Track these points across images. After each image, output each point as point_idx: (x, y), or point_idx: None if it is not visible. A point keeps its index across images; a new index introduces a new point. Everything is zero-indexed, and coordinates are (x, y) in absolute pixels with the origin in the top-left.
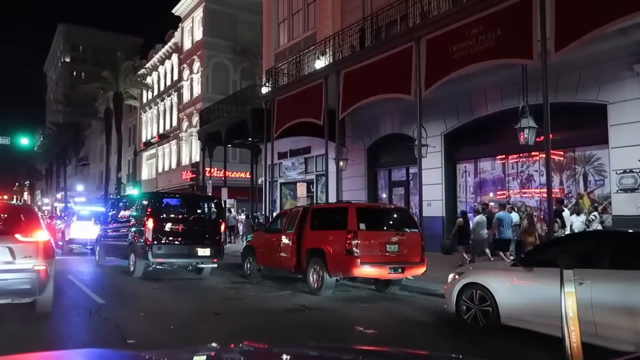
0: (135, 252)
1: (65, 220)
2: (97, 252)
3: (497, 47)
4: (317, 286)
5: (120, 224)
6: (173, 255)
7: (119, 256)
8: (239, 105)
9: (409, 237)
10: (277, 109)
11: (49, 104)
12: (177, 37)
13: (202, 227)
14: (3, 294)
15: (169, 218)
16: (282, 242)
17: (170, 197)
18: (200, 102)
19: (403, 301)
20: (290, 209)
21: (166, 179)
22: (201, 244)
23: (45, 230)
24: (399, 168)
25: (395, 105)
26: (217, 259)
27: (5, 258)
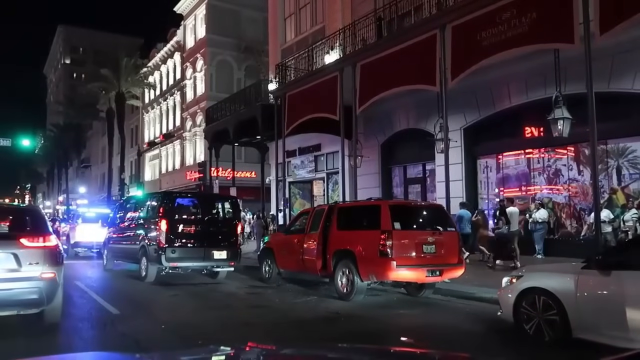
0: (147, 256)
1: (70, 223)
2: (105, 256)
3: (533, 31)
4: (347, 291)
5: (130, 226)
6: (188, 258)
7: (128, 260)
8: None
9: (446, 236)
10: (289, 105)
11: (50, 107)
12: (179, 36)
13: (217, 229)
14: (8, 305)
15: (183, 219)
16: (306, 244)
17: (183, 197)
18: (204, 100)
19: (441, 306)
20: (312, 208)
21: (170, 180)
22: (217, 246)
23: (52, 233)
24: (414, 164)
25: (411, 99)
26: (234, 262)
27: (10, 265)
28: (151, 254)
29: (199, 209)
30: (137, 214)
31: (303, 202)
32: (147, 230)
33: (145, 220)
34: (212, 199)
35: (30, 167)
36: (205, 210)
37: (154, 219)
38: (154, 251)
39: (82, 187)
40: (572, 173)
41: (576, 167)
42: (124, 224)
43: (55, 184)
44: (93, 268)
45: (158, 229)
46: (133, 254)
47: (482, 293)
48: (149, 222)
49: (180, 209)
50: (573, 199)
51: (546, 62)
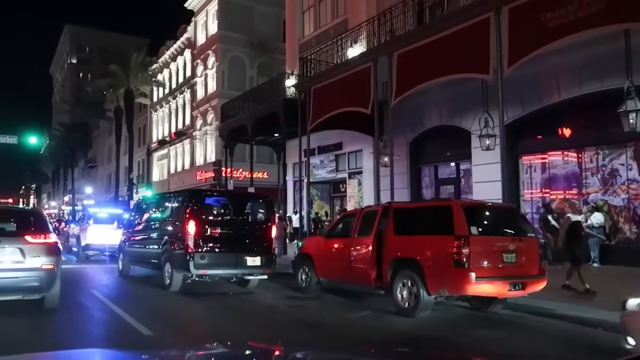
0: (171, 262)
1: (80, 224)
2: (121, 260)
3: (613, 10)
4: (409, 306)
5: (151, 228)
6: (218, 265)
7: (147, 266)
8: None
9: (526, 243)
10: (314, 99)
11: (56, 106)
12: (189, 32)
13: (251, 232)
14: (14, 291)
15: (213, 221)
16: (355, 250)
17: (213, 196)
18: (215, 98)
19: (521, 326)
20: (360, 209)
21: (179, 180)
22: (250, 251)
23: (52, 232)
24: (447, 164)
25: (445, 94)
26: (269, 269)
27: (17, 258)
28: (177, 260)
29: (230, 209)
30: (158, 215)
31: (322, 204)
32: (170, 233)
33: (169, 222)
34: (244, 199)
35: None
36: (236, 211)
37: (179, 221)
38: (180, 257)
39: (88, 187)
40: (632, 173)
41: (636, 166)
42: (142, 225)
43: (60, 185)
44: (107, 273)
45: (184, 231)
46: (154, 260)
47: (564, 310)
48: (173, 223)
49: (209, 209)
50: (632, 202)
51: (603, 52)
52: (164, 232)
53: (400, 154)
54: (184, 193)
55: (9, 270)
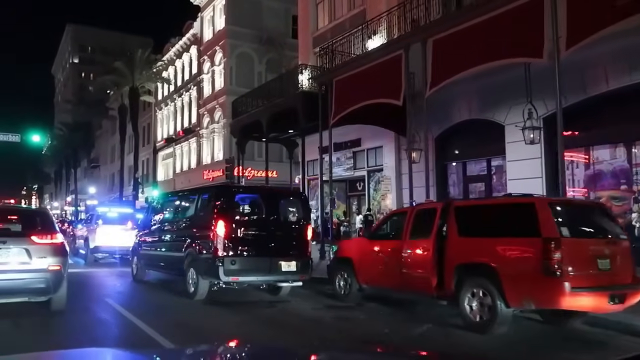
0: (196, 267)
1: (88, 225)
2: (135, 265)
3: None
4: (482, 319)
5: (170, 229)
6: (251, 271)
7: (167, 271)
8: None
9: (619, 247)
10: (337, 92)
11: (58, 107)
12: (196, 28)
13: (285, 233)
14: (20, 293)
15: (245, 221)
16: (407, 254)
17: (244, 192)
18: (223, 95)
19: (616, 347)
20: (411, 208)
21: (185, 180)
22: (285, 255)
23: (59, 232)
24: (477, 160)
25: (475, 86)
26: (305, 275)
27: (23, 259)
28: (204, 266)
29: (262, 207)
30: (180, 215)
31: (338, 203)
32: (195, 235)
33: (192, 222)
34: (277, 195)
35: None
36: (269, 209)
37: (205, 221)
38: (207, 262)
39: (91, 187)
40: None
41: None
42: (160, 226)
43: (63, 185)
44: (120, 278)
45: (212, 233)
46: (175, 264)
47: None
48: (198, 224)
49: (240, 207)
50: None
51: None
52: (186, 233)
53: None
54: (211, 189)
55: (15, 272)
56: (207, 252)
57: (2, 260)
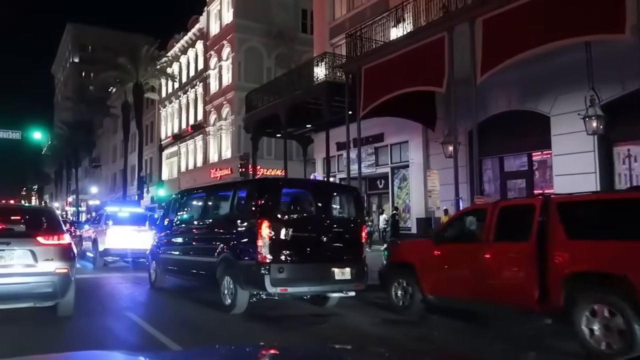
0: (234, 275)
1: (96, 226)
2: (154, 270)
3: None
4: (610, 348)
5: (198, 230)
6: (302, 280)
7: (193, 278)
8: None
9: None
10: (366, 80)
11: (57, 106)
12: (202, 23)
13: (338, 235)
14: (25, 298)
15: (293, 220)
16: (494, 260)
17: (292, 186)
18: (231, 91)
19: None
20: (492, 204)
21: (190, 179)
22: (339, 261)
23: (65, 232)
24: (516, 155)
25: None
26: (360, 284)
27: (27, 261)
28: (244, 274)
29: (312, 204)
30: (210, 213)
31: None
32: (231, 237)
33: (228, 222)
34: (329, 190)
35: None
36: (320, 207)
37: (245, 220)
38: (249, 269)
39: (93, 187)
40: None
41: None
42: (185, 227)
43: (64, 185)
44: (137, 286)
45: (256, 235)
46: (204, 271)
47: None
48: (235, 224)
49: (287, 204)
50: None
51: None
52: (220, 235)
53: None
54: (253, 183)
55: (19, 275)
56: (249, 257)
57: (5, 263)
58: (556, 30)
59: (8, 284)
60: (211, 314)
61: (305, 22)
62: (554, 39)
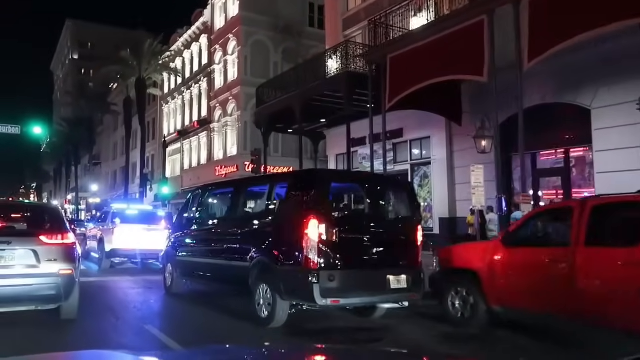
0: (272, 282)
1: (102, 224)
2: (170, 274)
3: None
4: None
5: (227, 229)
6: (356, 290)
7: (219, 284)
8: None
9: None
10: (392, 70)
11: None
12: (206, 16)
13: (393, 236)
14: (27, 301)
15: (344, 218)
16: (589, 268)
17: (342, 179)
18: (238, 86)
19: None
20: (579, 202)
21: (194, 177)
22: (394, 266)
23: (70, 231)
24: (551, 152)
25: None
26: (417, 294)
27: (30, 262)
28: (285, 281)
29: (364, 200)
30: (242, 210)
31: None
32: (268, 238)
33: (264, 221)
34: (382, 184)
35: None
36: (372, 203)
37: (286, 219)
38: (292, 276)
39: (94, 184)
40: None
41: None
42: (209, 226)
43: (63, 182)
44: (150, 291)
45: (302, 235)
46: (233, 277)
47: None
48: (273, 223)
49: (337, 200)
50: None
51: None
52: (253, 236)
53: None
54: (296, 175)
55: (21, 277)
56: (292, 262)
57: (6, 263)
58: (616, 10)
59: (9, 286)
60: (245, 328)
61: (312, 15)
62: (615, 19)
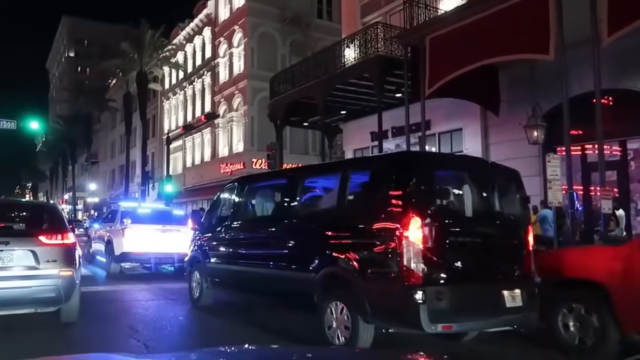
0: (349, 299)
1: (110, 224)
2: (197, 283)
3: None
4: None
5: (277, 229)
6: (471, 312)
7: (268, 298)
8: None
9: None
10: (432, 52)
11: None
12: (210, 8)
13: (505, 240)
14: (27, 303)
15: (454, 216)
16: None
17: (447, 165)
18: (244, 80)
19: None
20: None
21: (197, 175)
22: (508, 279)
23: (70, 230)
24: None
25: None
26: (533, 312)
27: (29, 263)
28: (372, 300)
29: (472, 193)
30: (299, 205)
31: None
32: (341, 241)
33: (335, 219)
34: (492, 173)
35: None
36: (481, 198)
37: (372, 216)
38: (384, 294)
39: (92, 183)
40: None
41: None
42: (251, 226)
43: (60, 182)
44: (173, 303)
45: (397, 238)
46: (289, 290)
47: None
48: (350, 222)
49: (443, 192)
50: None
51: None
52: (322, 238)
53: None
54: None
55: (20, 278)
56: (384, 274)
57: (4, 265)
58: None
59: (7, 289)
60: None
61: (321, 7)
62: None
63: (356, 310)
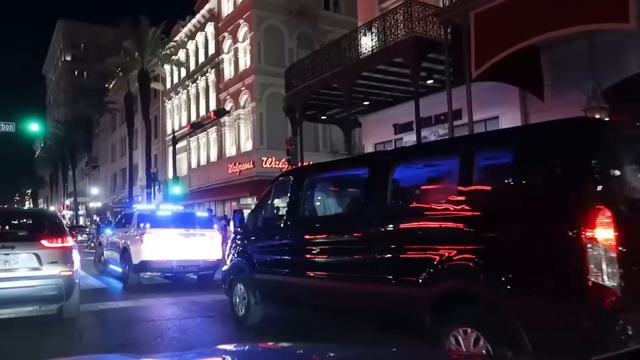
0: (487, 326)
1: (123, 229)
2: (242, 297)
3: None
4: None
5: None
6: None
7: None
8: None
9: None
10: (477, 29)
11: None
12: (212, 3)
13: None
14: (31, 301)
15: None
16: None
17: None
18: (251, 75)
19: None
20: None
21: (203, 176)
22: None
23: (69, 234)
24: None
25: None
26: None
27: (32, 265)
28: (529, 328)
29: None
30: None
31: None
32: (471, 246)
33: (458, 215)
34: None
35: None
36: None
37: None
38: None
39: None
40: None
41: None
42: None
43: (60, 187)
44: (211, 321)
45: (575, 241)
46: (386, 310)
47: None
48: (484, 218)
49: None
50: None
51: None
52: (437, 242)
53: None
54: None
55: (25, 279)
56: (554, 293)
57: (11, 267)
58: None
59: (15, 288)
60: None
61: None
62: None
63: (503, 342)
